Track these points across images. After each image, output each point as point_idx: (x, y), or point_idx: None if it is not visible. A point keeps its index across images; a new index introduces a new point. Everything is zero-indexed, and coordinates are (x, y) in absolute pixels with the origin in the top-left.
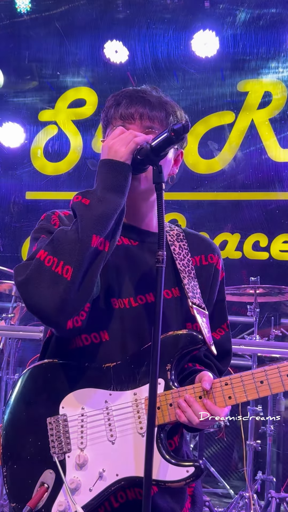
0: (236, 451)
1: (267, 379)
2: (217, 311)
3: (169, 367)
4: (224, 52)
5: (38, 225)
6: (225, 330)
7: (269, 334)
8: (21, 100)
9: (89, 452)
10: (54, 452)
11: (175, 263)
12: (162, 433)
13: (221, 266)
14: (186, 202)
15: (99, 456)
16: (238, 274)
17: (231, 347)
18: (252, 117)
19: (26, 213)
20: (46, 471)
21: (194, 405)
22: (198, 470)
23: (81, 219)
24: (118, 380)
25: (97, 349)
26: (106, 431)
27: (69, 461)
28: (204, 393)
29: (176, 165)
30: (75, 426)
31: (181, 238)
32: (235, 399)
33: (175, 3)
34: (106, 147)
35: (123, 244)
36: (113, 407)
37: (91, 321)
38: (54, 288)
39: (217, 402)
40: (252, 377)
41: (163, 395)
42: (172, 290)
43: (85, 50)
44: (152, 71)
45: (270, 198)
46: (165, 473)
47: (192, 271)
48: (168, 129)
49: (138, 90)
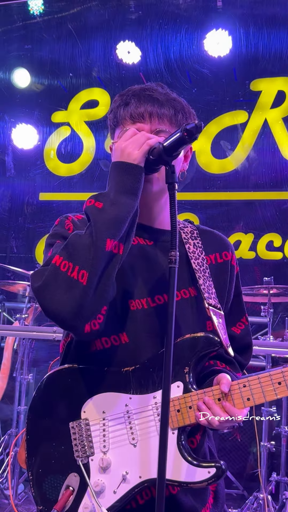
0: (250, 452)
1: (284, 380)
2: (235, 306)
3: (187, 370)
4: (237, 51)
5: (52, 230)
6: (244, 324)
7: (283, 335)
8: (34, 102)
9: (112, 455)
10: (78, 456)
11: (190, 262)
12: (183, 435)
13: (235, 261)
14: (199, 202)
15: (122, 459)
16: (251, 274)
17: (251, 340)
18: (265, 117)
19: (39, 214)
20: (71, 474)
21: (213, 407)
22: (219, 470)
23: (95, 223)
24: (138, 384)
25: (118, 351)
26: (127, 434)
27: (93, 464)
28: (223, 395)
29: (186, 161)
30: (97, 430)
31: (195, 236)
32: (253, 400)
33: (187, 3)
34: (119, 149)
35: (138, 243)
36: (133, 411)
37: (110, 323)
38: (70, 293)
39: (236, 404)
40: (269, 378)
41: (182, 398)
42: (189, 290)
43: (98, 51)
44: (165, 71)
45: (284, 197)
46: (187, 475)
47: (207, 270)
48: (180, 129)
49: (145, 89)
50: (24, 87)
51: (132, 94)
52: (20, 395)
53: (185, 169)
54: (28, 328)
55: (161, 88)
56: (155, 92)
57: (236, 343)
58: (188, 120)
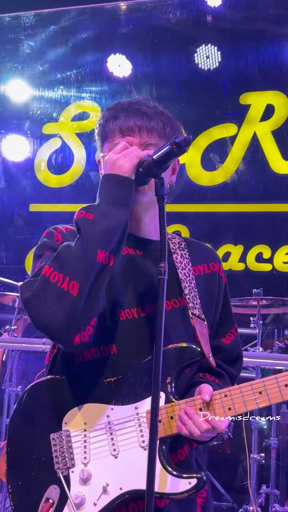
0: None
1: (265, 390)
2: (224, 316)
3: (169, 380)
4: (226, 65)
5: (41, 242)
6: (234, 334)
7: (273, 346)
8: (25, 113)
9: (92, 466)
10: (59, 468)
11: (177, 272)
12: (164, 446)
13: (223, 272)
14: (188, 214)
15: (103, 470)
16: (241, 286)
17: (241, 350)
18: (255, 130)
19: (29, 225)
20: (51, 486)
21: (194, 417)
22: (200, 481)
23: (86, 234)
24: (120, 394)
25: (106, 362)
26: (109, 446)
27: (73, 476)
28: (204, 405)
29: (173, 173)
30: (78, 442)
31: (183, 247)
32: (234, 410)
33: (177, 17)
34: (109, 162)
35: (128, 253)
36: (115, 422)
37: (100, 334)
38: (60, 304)
39: (217, 413)
40: (250, 388)
41: (163, 408)
42: (178, 300)
43: (89, 64)
44: (155, 85)
45: (273, 210)
46: (167, 485)
47: (193, 280)
48: (169, 142)
49: (133, 102)
50: (15, 98)
51: (121, 108)
52: (9, 407)
53: (173, 181)
54: (17, 339)
55: (149, 102)
56: (143, 106)
57: (226, 354)
58: (176, 133)
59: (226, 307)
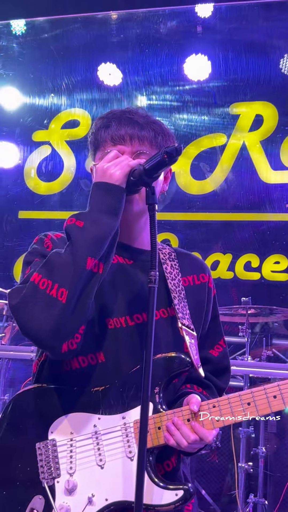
0: (227, 473)
1: (254, 401)
2: (212, 328)
3: (157, 390)
4: (216, 75)
5: (30, 248)
6: (222, 346)
7: (261, 354)
8: (16, 120)
9: (78, 477)
10: (44, 478)
11: (167, 282)
12: (151, 456)
13: (212, 284)
14: (178, 223)
15: (89, 480)
16: (229, 294)
17: (229, 363)
18: (244, 140)
19: (18, 232)
20: (36, 497)
21: (182, 428)
22: (187, 493)
23: (76, 242)
24: (107, 404)
25: (94, 371)
26: (95, 456)
27: (58, 486)
28: (192, 416)
29: (165, 182)
30: (64, 451)
31: (173, 258)
32: (222, 421)
33: (167, 27)
34: (101, 170)
35: (118, 262)
36: (102, 432)
37: (88, 342)
38: (49, 311)
39: (205, 424)
40: (239, 399)
41: (151, 418)
42: (167, 310)
43: (79, 72)
44: (145, 94)
45: (261, 219)
46: (153, 497)
47: (182, 291)
48: (161, 152)
49: (125, 111)
50: (6, 106)
51: (113, 117)
52: None
53: (165, 190)
54: (5, 347)
55: (141, 111)
56: (135, 115)
57: (214, 366)
58: (167, 142)
59: (214, 319)
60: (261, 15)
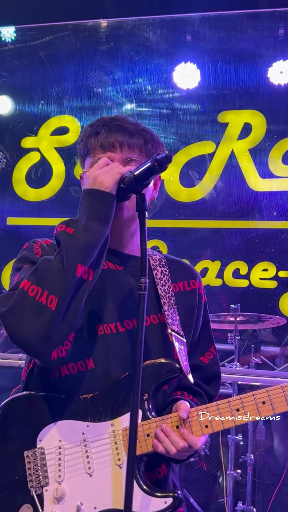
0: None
1: (243, 407)
2: (203, 335)
3: (146, 396)
4: (205, 84)
5: (20, 254)
6: (213, 353)
7: (249, 361)
8: (4, 127)
9: (67, 485)
10: (32, 486)
11: (157, 288)
12: (140, 464)
13: (203, 290)
14: (167, 230)
15: (77, 489)
16: (218, 302)
17: (219, 370)
18: (232, 148)
19: (6, 239)
20: (24, 505)
21: (170, 435)
22: (176, 500)
23: (66, 248)
24: (96, 411)
25: (83, 377)
26: (84, 464)
27: (46, 495)
28: (181, 423)
29: (155, 189)
30: (53, 459)
31: (163, 264)
32: (211, 427)
33: (157, 35)
34: (91, 177)
35: (108, 268)
36: (90, 439)
37: (77, 348)
38: (38, 318)
39: (194, 431)
40: (228, 405)
41: (140, 425)
42: (158, 316)
43: (69, 79)
44: (135, 102)
45: (250, 226)
46: (143, 505)
47: (172, 297)
48: (151, 159)
49: (115, 119)
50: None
51: (103, 124)
52: None
53: (155, 197)
54: None
55: (131, 119)
56: (125, 122)
57: (204, 373)
58: (157, 149)
59: (205, 325)
60: (249, 24)
